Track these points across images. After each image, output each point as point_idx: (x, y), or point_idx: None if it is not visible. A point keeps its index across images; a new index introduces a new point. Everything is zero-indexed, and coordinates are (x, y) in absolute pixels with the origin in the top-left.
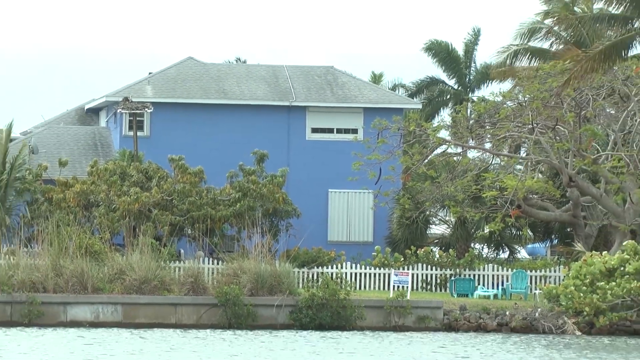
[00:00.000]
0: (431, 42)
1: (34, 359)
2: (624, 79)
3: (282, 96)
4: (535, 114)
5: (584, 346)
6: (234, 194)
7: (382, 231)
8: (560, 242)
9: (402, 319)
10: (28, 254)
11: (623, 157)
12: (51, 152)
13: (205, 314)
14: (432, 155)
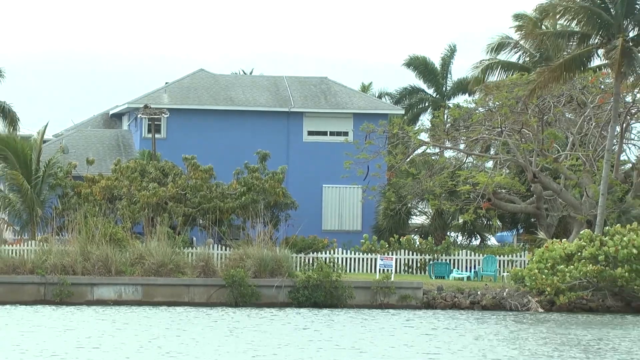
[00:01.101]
0: (411, 57)
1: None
2: (582, 88)
3: (282, 103)
4: (503, 119)
5: (546, 321)
6: (240, 189)
7: (369, 221)
8: (525, 231)
9: (386, 297)
10: (59, 241)
11: (580, 156)
12: (80, 152)
13: (214, 293)
14: (413, 154)
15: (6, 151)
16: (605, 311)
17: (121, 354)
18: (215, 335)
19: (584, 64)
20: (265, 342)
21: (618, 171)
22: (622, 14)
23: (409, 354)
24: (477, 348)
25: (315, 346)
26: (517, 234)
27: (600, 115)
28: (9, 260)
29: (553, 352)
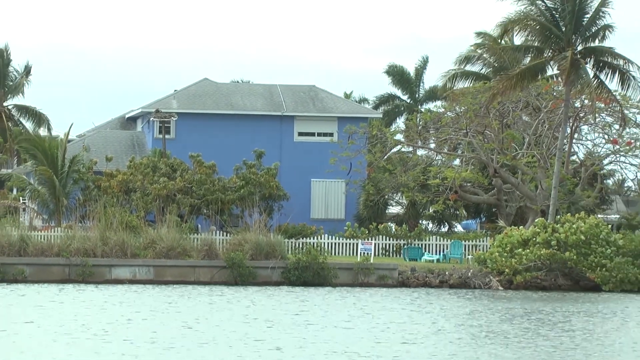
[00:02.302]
0: (390, 65)
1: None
2: (536, 95)
3: (275, 108)
4: (468, 122)
5: (504, 297)
6: (239, 183)
7: (351, 211)
8: (487, 219)
9: (366, 277)
10: (82, 228)
11: (535, 154)
12: (100, 151)
13: (217, 273)
14: (389, 153)
15: (35, 150)
16: (557, 289)
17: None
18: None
19: (538, 74)
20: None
21: (568, 167)
22: (571, 30)
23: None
24: (444, 318)
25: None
26: (480, 222)
27: (552, 119)
28: (38, 244)
29: (510, 325)
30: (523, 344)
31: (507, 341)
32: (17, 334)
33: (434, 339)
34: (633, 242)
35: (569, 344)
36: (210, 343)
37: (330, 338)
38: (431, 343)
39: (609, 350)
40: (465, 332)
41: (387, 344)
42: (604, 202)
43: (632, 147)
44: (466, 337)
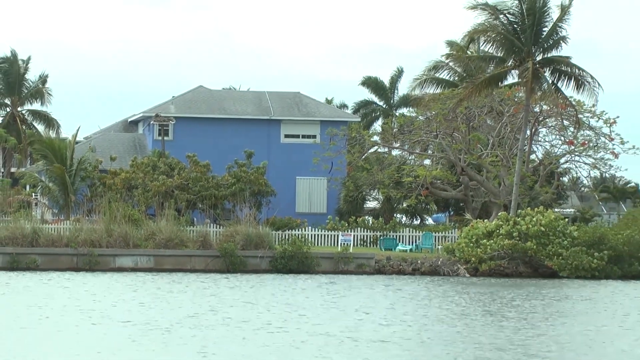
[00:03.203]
0: (365, 78)
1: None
2: (499, 101)
3: (264, 112)
4: (438, 125)
5: (471, 283)
6: (231, 180)
7: (333, 205)
8: (455, 213)
9: (346, 266)
10: (88, 221)
11: (498, 154)
12: (105, 151)
13: (210, 262)
14: (367, 153)
15: (46, 151)
16: (518, 276)
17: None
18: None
19: (501, 81)
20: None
21: (528, 166)
22: (530, 42)
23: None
24: (413, 300)
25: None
26: (449, 216)
27: (514, 122)
28: (49, 235)
29: (475, 307)
30: (483, 323)
31: (471, 322)
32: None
33: (406, 319)
34: (587, 234)
35: (524, 323)
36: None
37: (308, 318)
38: (403, 323)
39: (560, 327)
40: (432, 314)
41: (362, 324)
42: (560, 198)
43: (586, 147)
44: (432, 318)
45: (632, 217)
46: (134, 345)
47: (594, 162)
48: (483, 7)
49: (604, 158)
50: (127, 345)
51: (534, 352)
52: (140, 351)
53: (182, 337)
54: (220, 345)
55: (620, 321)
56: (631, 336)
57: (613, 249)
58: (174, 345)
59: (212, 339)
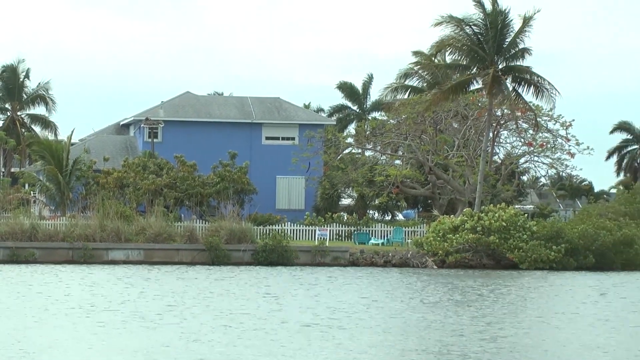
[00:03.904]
0: (340, 83)
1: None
2: (464, 105)
3: (247, 116)
4: (408, 128)
5: (439, 275)
6: (216, 179)
7: (310, 202)
8: (423, 210)
9: (323, 258)
10: (83, 217)
11: (463, 155)
12: (98, 152)
13: (197, 255)
14: (342, 154)
15: (44, 152)
16: (482, 268)
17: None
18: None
19: (466, 88)
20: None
21: (491, 166)
22: (493, 51)
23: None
24: (385, 287)
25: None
26: (418, 212)
27: (478, 125)
28: (47, 230)
29: (442, 296)
30: (448, 310)
31: (437, 309)
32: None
33: (376, 304)
34: (545, 228)
35: (488, 311)
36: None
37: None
38: (376, 307)
39: (519, 314)
40: (401, 301)
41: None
42: (520, 195)
43: (544, 148)
44: (401, 305)
45: (587, 212)
46: (118, 333)
47: (552, 162)
48: (449, 21)
49: (560, 158)
50: (111, 333)
51: (493, 336)
52: (123, 337)
53: (166, 325)
54: (204, 333)
55: (575, 308)
56: (584, 322)
57: (569, 242)
58: (156, 332)
59: (195, 327)
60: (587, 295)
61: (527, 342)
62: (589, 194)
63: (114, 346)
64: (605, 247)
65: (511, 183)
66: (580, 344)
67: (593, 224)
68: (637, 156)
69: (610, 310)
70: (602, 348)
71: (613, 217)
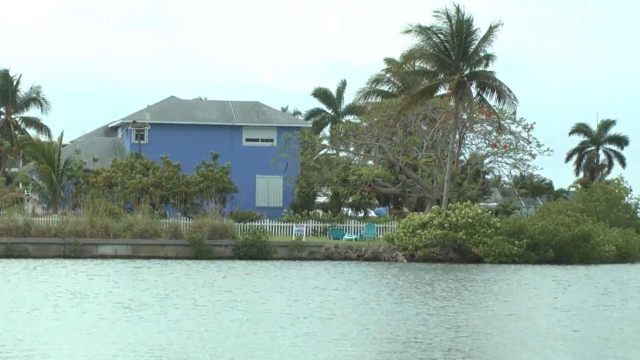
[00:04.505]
0: (315, 89)
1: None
2: (432, 109)
3: (228, 119)
4: (379, 130)
5: (409, 268)
6: (199, 178)
7: (288, 200)
8: (394, 207)
9: (300, 253)
10: (74, 214)
11: (432, 156)
12: (88, 153)
13: (181, 250)
14: (318, 155)
15: (37, 153)
16: (449, 261)
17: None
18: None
19: (433, 93)
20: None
21: (457, 166)
22: (459, 58)
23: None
24: (358, 282)
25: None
26: (389, 209)
27: (445, 128)
28: (39, 227)
29: (410, 288)
30: (415, 300)
31: (406, 300)
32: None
33: (346, 296)
34: (508, 224)
35: (454, 302)
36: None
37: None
38: (349, 301)
39: (484, 305)
40: (371, 293)
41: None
42: (485, 193)
43: (507, 149)
44: (370, 297)
45: (547, 209)
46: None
47: (514, 162)
48: (417, 30)
49: (522, 159)
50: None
51: (456, 325)
52: (108, 328)
53: (148, 315)
54: (184, 323)
55: (537, 299)
56: (542, 311)
57: (530, 237)
58: (139, 322)
59: (175, 317)
60: (546, 287)
61: (489, 331)
62: (549, 192)
63: (99, 335)
64: (564, 242)
65: (476, 182)
66: (539, 332)
67: (553, 221)
68: (594, 157)
69: (567, 300)
70: (561, 335)
71: (571, 214)
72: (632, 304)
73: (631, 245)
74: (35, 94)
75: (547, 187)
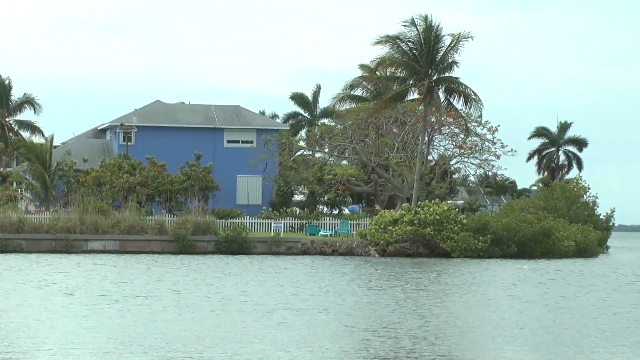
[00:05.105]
0: (292, 93)
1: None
2: (403, 113)
3: (210, 122)
4: (353, 132)
5: (380, 262)
6: (183, 178)
7: (267, 198)
8: (367, 205)
9: (278, 248)
10: (65, 211)
11: (402, 156)
12: (78, 154)
13: (166, 245)
14: (295, 155)
15: (30, 154)
16: (418, 256)
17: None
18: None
19: (404, 97)
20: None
21: (426, 166)
22: (427, 64)
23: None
24: (332, 275)
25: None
26: (362, 207)
27: (415, 130)
28: (32, 223)
29: (381, 280)
30: (390, 290)
31: (375, 291)
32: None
33: (320, 288)
34: (473, 221)
35: (422, 294)
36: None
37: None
38: (324, 292)
39: (452, 296)
40: (344, 285)
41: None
42: (452, 192)
43: (473, 151)
44: (343, 288)
45: (510, 207)
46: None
47: (480, 162)
48: (387, 40)
49: (487, 159)
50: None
51: (422, 315)
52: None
53: (132, 306)
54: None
55: (499, 291)
56: (504, 302)
57: (495, 233)
58: (123, 312)
59: (159, 308)
60: (509, 280)
61: (454, 321)
62: (512, 191)
63: (85, 324)
64: (526, 238)
65: (444, 181)
66: (501, 321)
67: (516, 218)
68: (555, 158)
69: (527, 292)
70: (519, 324)
71: (533, 212)
72: (590, 295)
73: (589, 241)
74: (27, 98)
75: (510, 186)
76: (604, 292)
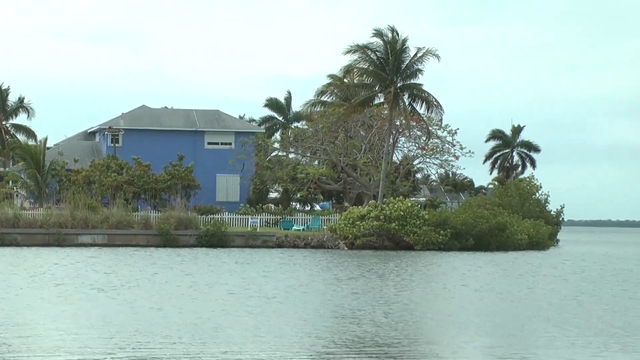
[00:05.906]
0: (267, 99)
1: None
2: (370, 117)
3: (192, 125)
4: (324, 135)
5: (349, 255)
6: (167, 177)
7: (244, 196)
8: (337, 202)
9: (254, 241)
10: (57, 208)
11: (369, 157)
12: (70, 155)
13: (151, 239)
14: (270, 156)
15: (25, 155)
16: (384, 249)
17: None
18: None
19: (371, 102)
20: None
21: (391, 166)
22: (393, 72)
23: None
24: (304, 264)
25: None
26: (332, 203)
27: (381, 133)
28: (27, 219)
29: (349, 271)
30: (356, 279)
31: (344, 280)
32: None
33: (291, 278)
34: (435, 217)
35: (388, 282)
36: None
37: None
38: (292, 277)
39: (414, 285)
40: (315, 275)
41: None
42: (415, 190)
43: (434, 152)
44: (314, 277)
45: (468, 204)
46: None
47: (440, 162)
48: (356, 49)
49: (447, 160)
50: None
51: (387, 301)
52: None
53: (114, 296)
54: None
55: (458, 280)
56: (462, 291)
57: (454, 228)
58: (105, 301)
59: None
60: (466, 270)
61: (415, 308)
62: (470, 189)
63: (73, 313)
64: (483, 232)
65: (408, 180)
66: (460, 309)
67: (473, 213)
68: (509, 158)
69: (484, 282)
70: (477, 310)
71: (489, 208)
72: (538, 286)
73: (541, 235)
74: (22, 104)
75: (468, 184)
76: (552, 282)
